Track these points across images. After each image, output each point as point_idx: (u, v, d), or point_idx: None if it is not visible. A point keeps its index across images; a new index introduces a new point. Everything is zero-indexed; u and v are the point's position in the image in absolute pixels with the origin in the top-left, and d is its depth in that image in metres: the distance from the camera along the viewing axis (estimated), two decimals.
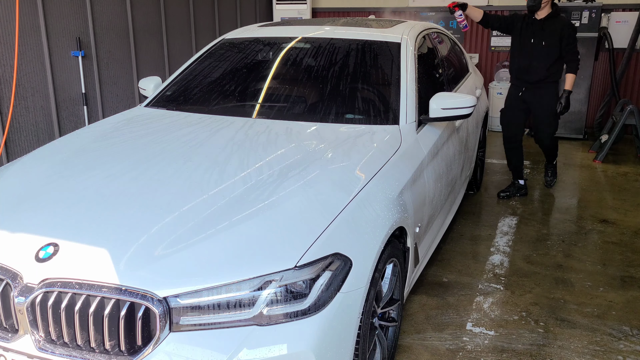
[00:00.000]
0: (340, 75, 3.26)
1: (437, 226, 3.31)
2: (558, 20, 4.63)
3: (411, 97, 3.03)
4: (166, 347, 1.76)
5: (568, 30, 4.58)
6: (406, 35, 3.42)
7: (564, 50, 4.61)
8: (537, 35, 4.65)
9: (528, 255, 3.83)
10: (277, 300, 1.82)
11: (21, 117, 4.49)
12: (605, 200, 4.89)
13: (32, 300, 1.82)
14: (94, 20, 5.12)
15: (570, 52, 4.62)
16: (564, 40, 4.58)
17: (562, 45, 4.59)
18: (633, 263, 3.71)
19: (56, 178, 2.38)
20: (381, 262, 2.20)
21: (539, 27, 4.64)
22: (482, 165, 5.26)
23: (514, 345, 2.82)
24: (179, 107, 3.24)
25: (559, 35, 4.57)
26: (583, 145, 6.88)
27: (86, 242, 1.92)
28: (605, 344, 2.83)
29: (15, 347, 1.86)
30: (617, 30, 6.96)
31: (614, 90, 6.93)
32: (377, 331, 2.37)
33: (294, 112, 3.06)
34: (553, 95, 4.77)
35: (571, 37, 4.58)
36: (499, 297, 3.27)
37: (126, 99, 5.65)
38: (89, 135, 2.91)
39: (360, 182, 2.33)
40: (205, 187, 2.21)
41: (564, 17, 4.75)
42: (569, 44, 4.59)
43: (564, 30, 4.57)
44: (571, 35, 4.58)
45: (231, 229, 1.96)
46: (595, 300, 3.25)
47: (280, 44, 3.58)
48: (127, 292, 1.77)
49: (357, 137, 2.71)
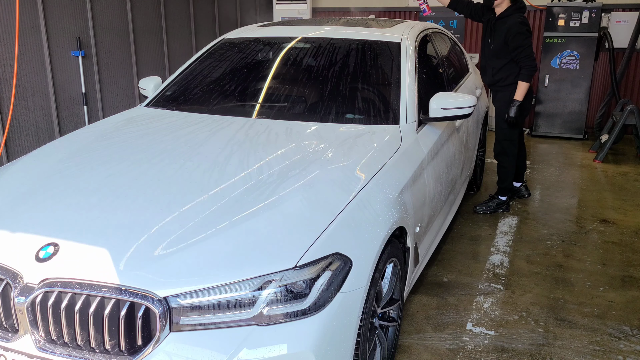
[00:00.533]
0: (340, 75, 3.26)
1: (437, 226, 3.31)
2: (509, 19, 4.14)
3: (411, 97, 3.03)
4: (166, 347, 1.76)
5: (514, 31, 4.07)
6: (406, 35, 3.42)
7: (511, 54, 4.16)
8: (489, 35, 4.31)
9: (528, 255, 3.83)
10: (277, 300, 1.82)
11: (21, 117, 4.49)
12: (605, 200, 4.89)
13: (32, 300, 1.82)
14: (94, 20, 5.12)
15: (521, 57, 4.12)
16: (510, 44, 4.11)
17: (510, 48, 4.14)
18: (633, 263, 3.71)
19: (56, 178, 2.38)
20: (381, 262, 2.20)
21: (492, 26, 4.27)
22: (482, 165, 5.26)
23: (514, 345, 2.82)
24: (179, 107, 3.24)
25: (504, 37, 4.12)
26: (583, 145, 6.88)
27: (86, 242, 1.92)
28: (605, 343, 2.83)
29: (16, 347, 1.86)
30: (617, 30, 6.97)
31: (614, 90, 6.94)
32: (377, 331, 2.37)
33: (294, 112, 3.06)
34: (503, 102, 4.36)
35: (517, 39, 4.07)
36: (499, 297, 3.27)
37: (126, 99, 5.66)
38: (89, 135, 2.91)
39: (361, 182, 2.33)
40: (206, 187, 2.21)
41: (517, 16, 4.16)
42: (516, 48, 4.10)
43: (509, 32, 4.09)
44: (517, 38, 4.07)
45: (231, 229, 1.96)
46: (595, 300, 3.25)
47: (280, 44, 3.58)
48: (127, 292, 1.77)
49: (357, 137, 2.71)
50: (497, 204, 4.57)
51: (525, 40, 4.10)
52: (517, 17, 4.15)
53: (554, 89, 7.06)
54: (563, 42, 6.87)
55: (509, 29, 4.10)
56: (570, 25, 6.78)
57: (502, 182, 4.58)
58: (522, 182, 4.91)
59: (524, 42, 4.10)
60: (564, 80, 6.99)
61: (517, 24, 4.10)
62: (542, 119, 7.23)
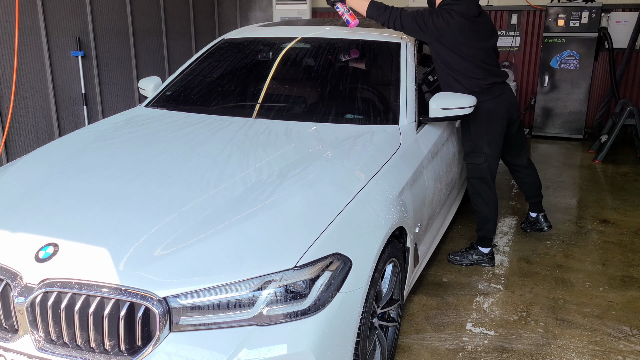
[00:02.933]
0: (340, 76, 3.26)
1: (437, 226, 3.31)
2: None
3: (411, 97, 3.03)
4: (166, 347, 1.76)
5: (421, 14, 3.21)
6: (406, 36, 3.42)
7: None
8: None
9: (528, 255, 3.83)
10: (277, 300, 1.82)
11: (21, 117, 4.49)
12: (605, 200, 4.89)
13: (31, 301, 1.82)
14: (93, 20, 5.12)
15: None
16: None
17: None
18: (633, 263, 3.71)
19: (56, 178, 2.38)
20: (381, 262, 2.20)
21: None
22: None
23: (513, 345, 2.82)
24: (179, 107, 3.24)
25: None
26: (583, 145, 6.88)
27: (86, 242, 1.92)
28: (605, 344, 2.83)
29: (15, 347, 1.86)
30: (617, 30, 6.96)
31: (614, 90, 6.94)
32: (377, 331, 2.37)
33: (294, 112, 3.06)
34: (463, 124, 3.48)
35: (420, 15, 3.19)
36: (498, 297, 3.27)
37: (126, 99, 5.66)
38: (89, 136, 2.91)
39: (360, 182, 2.33)
40: (205, 187, 2.21)
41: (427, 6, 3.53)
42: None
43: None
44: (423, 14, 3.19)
45: (231, 229, 1.96)
46: (595, 300, 3.25)
47: (280, 44, 3.58)
48: (127, 292, 1.77)
49: (356, 137, 2.71)
50: (478, 257, 3.62)
51: (421, 15, 3.20)
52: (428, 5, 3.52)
53: (554, 89, 7.06)
54: (563, 43, 6.87)
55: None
56: (570, 26, 6.78)
57: (479, 230, 3.62)
58: (538, 212, 4.09)
59: (420, 15, 3.20)
60: (563, 81, 7.00)
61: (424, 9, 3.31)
62: (542, 119, 7.24)
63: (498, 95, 3.39)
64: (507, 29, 7.56)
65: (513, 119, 3.55)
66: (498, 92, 3.39)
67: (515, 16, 7.49)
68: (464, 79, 3.28)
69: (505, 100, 3.43)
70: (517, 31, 7.49)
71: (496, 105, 3.38)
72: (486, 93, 3.33)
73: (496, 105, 3.38)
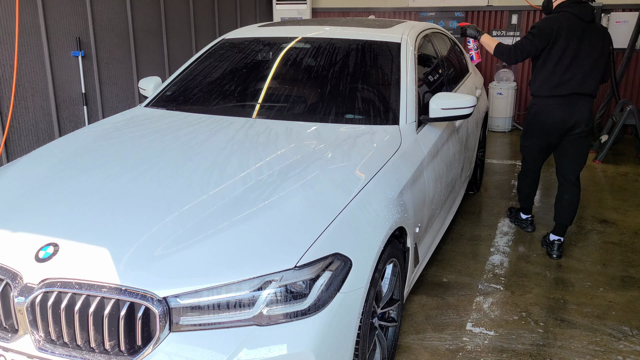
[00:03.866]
0: (340, 76, 3.26)
1: (437, 226, 3.31)
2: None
3: (411, 97, 3.03)
4: (166, 347, 1.76)
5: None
6: (406, 36, 3.42)
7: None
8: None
9: (528, 255, 3.83)
10: (277, 301, 1.82)
11: (21, 117, 4.49)
12: (605, 201, 4.89)
13: (32, 300, 1.82)
14: (93, 20, 5.12)
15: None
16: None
17: None
18: (633, 263, 3.71)
19: (56, 178, 2.38)
20: (381, 262, 2.20)
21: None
22: (482, 165, 5.26)
23: (513, 345, 2.82)
24: (179, 107, 3.24)
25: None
26: None
27: (86, 242, 1.92)
28: (605, 344, 2.83)
29: (15, 347, 1.86)
30: (617, 31, 6.96)
31: (614, 90, 6.93)
32: (377, 331, 2.37)
33: (294, 112, 3.06)
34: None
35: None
36: (498, 297, 3.27)
37: (126, 99, 5.65)
38: (89, 136, 2.91)
39: (360, 182, 2.33)
40: (205, 187, 2.21)
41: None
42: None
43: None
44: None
45: (231, 229, 1.96)
46: (595, 300, 3.25)
47: (280, 44, 3.58)
48: (127, 292, 1.77)
49: (357, 137, 2.71)
50: (520, 222, 4.26)
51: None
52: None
53: None
54: None
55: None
56: None
57: (522, 201, 4.22)
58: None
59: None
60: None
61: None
62: None
63: (551, 104, 3.73)
64: (507, 29, 7.55)
65: (567, 131, 3.78)
66: (553, 101, 3.74)
67: (515, 16, 7.49)
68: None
69: (559, 110, 3.74)
70: (517, 31, 7.49)
71: (543, 111, 3.73)
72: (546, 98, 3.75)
73: (543, 111, 3.73)
